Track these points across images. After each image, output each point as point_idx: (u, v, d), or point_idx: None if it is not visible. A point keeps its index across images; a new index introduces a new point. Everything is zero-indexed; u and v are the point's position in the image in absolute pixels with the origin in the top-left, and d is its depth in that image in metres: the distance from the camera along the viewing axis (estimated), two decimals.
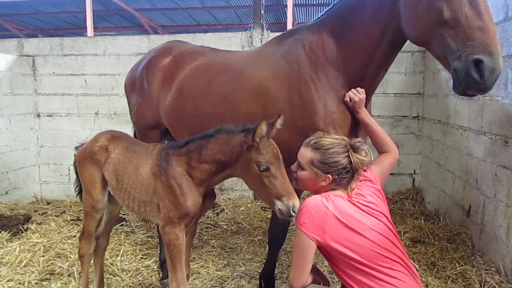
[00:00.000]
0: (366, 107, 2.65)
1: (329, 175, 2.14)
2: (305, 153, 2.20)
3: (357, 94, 2.56)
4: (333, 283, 3.24)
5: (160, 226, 2.46)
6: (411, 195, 5.36)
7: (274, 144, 2.23)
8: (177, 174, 2.38)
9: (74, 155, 2.83)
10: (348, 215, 2.07)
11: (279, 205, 2.17)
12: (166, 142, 3.23)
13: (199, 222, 4.64)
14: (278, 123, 2.26)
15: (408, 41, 2.46)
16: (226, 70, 3.04)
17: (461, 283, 3.22)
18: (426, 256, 3.71)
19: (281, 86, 2.71)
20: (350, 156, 2.11)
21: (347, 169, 2.12)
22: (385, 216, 2.16)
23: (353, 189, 2.16)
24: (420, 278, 2.25)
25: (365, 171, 2.20)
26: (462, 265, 3.42)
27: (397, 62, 5.29)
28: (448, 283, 3.23)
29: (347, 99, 2.60)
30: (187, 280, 2.60)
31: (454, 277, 3.30)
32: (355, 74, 2.60)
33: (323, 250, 2.15)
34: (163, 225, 2.43)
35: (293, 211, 2.15)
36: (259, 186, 2.21)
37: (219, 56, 3.28)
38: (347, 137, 2.26)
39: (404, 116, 5.51)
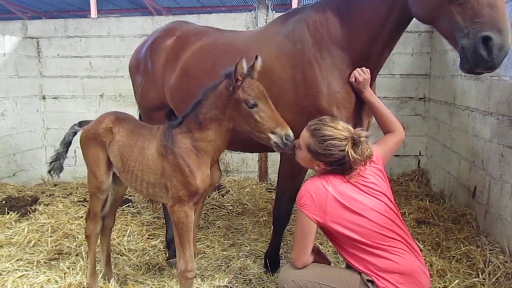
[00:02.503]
0: (371, 87, 2.63)
1: (321, 163, 2.15)
2: (304, 136, 2.19)
3: (362, 74, 2.54)
4: (338, 262, 3.28)
5: (169, 206, 2.48)
6: (416, 177, 5.35)
7: (258, 83, 2.29)
8: (184, 152, 2.40)
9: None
10: (348, 196, 2.07)
11: (273, 138, 2.24)
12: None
13: (204, 203, 4.68)
14: (257, 65, 2.31)
15: (415, 21, 2.41)
16: (230, 50, 3.01)
17: (466, 263, 3.23)
18: (430, 236, 3.72)
19: (284, 66, 2.69)
20: (346, 151, 2.05)
21: (340, 162, 2.09)
22: (386, 195, 2.15)
23: (349, 175, 2.13)
24: (424, 258, 2.26)
25: (363, 166, 2.15)
26: (466, 246, 3.43)
27: (404, 42, 5.24)
28: (453, 263, 3.24)
29: (352, 79, 2.57)
30: None
31: (459, 257, 3.31)
32: (360, 53, 2.57)
33: (325, 230, 2.17)
34: (172, 204, 2.45)
35: (287, 140, 2.21)
36: (252, 124, 2.26)
37: (223, 37, 3.25)
38: (353, 128, 2.16)
39: (410, 98, 5.45)
